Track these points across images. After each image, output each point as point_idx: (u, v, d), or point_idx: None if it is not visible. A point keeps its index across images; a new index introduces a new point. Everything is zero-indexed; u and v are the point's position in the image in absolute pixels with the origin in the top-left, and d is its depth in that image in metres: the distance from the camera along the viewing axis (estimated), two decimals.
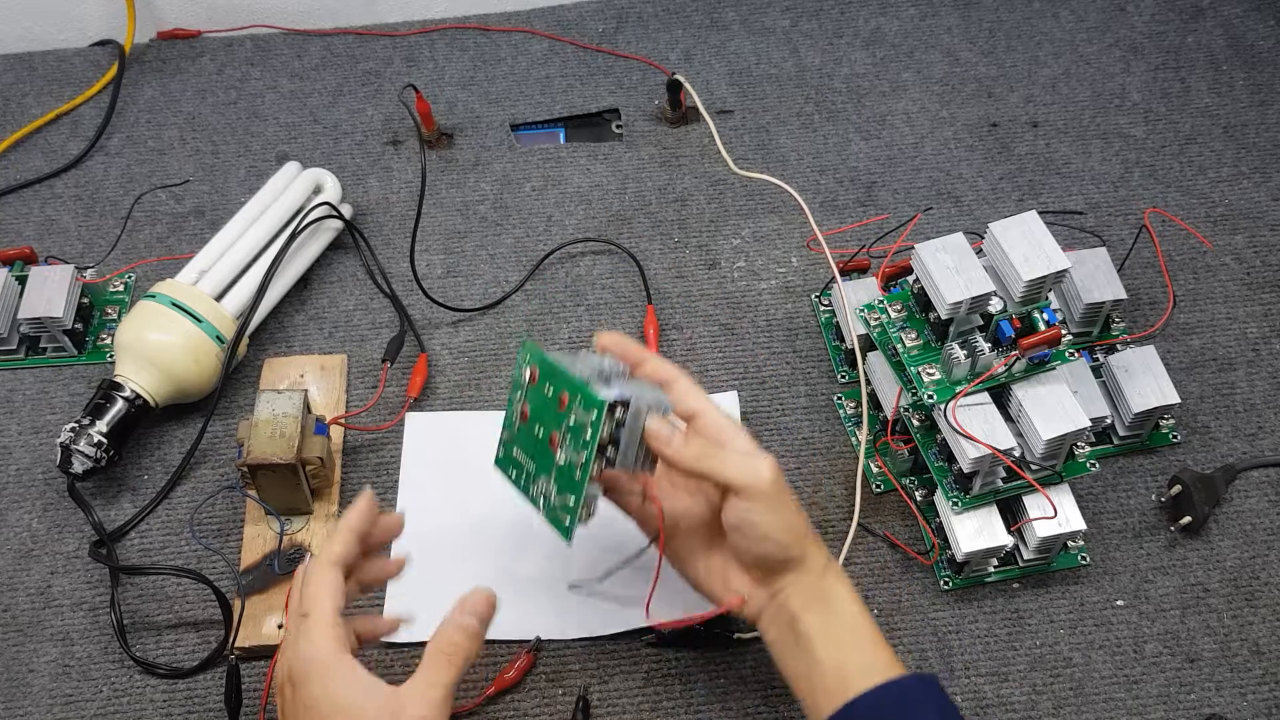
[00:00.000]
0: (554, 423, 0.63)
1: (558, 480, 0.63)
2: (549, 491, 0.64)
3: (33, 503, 0.81)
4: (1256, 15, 1.09)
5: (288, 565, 0.77)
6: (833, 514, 0.80)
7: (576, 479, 0.62)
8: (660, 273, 0.92)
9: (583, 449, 0.62)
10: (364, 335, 0.89)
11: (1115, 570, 0.78)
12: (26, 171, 1.00)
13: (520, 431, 0.66)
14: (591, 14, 1.11)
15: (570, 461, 0.62)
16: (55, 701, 0.73)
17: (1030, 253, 0.70)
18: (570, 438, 0.62)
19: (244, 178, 0.99)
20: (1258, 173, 0.98)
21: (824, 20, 1.10)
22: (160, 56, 1.09)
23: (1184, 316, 0.89)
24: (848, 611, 0.63)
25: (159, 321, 0.81)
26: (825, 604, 0.63)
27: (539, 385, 0.65)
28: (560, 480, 0.63)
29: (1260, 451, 0.82)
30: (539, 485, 0.65)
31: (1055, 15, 1.10)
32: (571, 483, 0.63)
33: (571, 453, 0.62)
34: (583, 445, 0.62)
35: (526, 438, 0.66)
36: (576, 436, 0.62)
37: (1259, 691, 0.73)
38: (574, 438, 0.62)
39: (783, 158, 1.00)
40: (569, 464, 0.63)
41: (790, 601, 0.63)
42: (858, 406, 0.83)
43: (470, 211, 0.97)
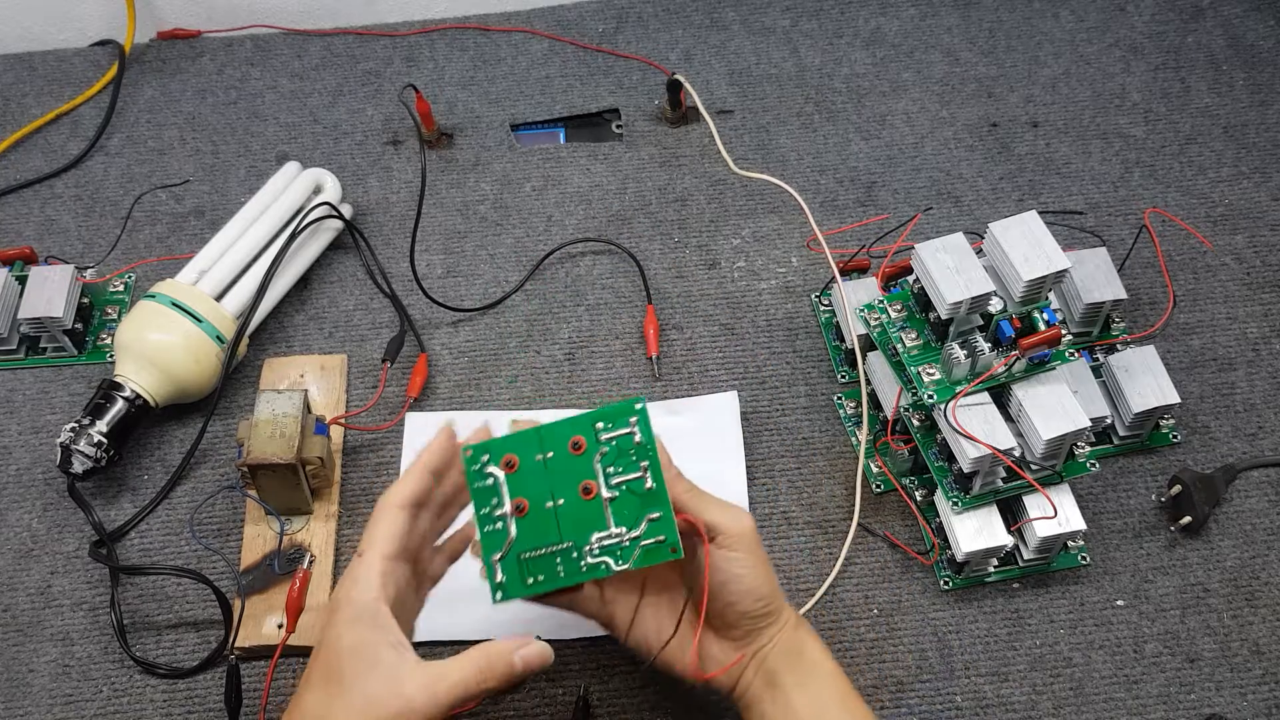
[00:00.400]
0: (576, 474, 0.58)
1: (619, 517, 0.57)
2: (616, 539, 0.57)
3: (33, 503, 0.81)
4: (1256, 15, 1.09)
5: (288, 565, 0.77)
6: (833, 514, 0.80)
7: (648, 490, 0.57)
8: (660, 273, 0.92)
9: (643, 457, 0.57)
10: (364, 335, 0.89)
11: (1115, 570, 0.78)
12: (26, 171, 1.00)
13: (524, 531, 0.59)
14: (591, 14, 1.11)
15: (629, 485, 0.57)
16: (55, 701, 0.73)
17: (1030, 253, 0.70)
18: (614, 463, 0.57)
19: (244, 178, 0.99)
20: (1258, 173, 0.98)
21: (824, 20, 1.10)
22: (160, 56, 1.09)
23: (1184, 316, 0.89)
24: (823, 668, 0.63)
25: (159, 321, 0.81)
26: (800, 659, 0.63)
27: (524, 466, 0.59)
28: (623, 514, 0.57)
29: (1260, 451, 0.82)
30: (588, 552, 0.58)
31: (1055, 15, 1.10)
32: (645, 501, 0.56)
33: (625, 474, 0.57)
34: (641, 453, 0.56)
35: (538, 527, 0.58)
36: (622, 454, 0.57)
37: (1259, 691, 0.73)
38: (619, 458, 0.57)
39: (783, 158, 1.00)
40: (627, 488, 0.57)
41: (769, 658, 0.62)
42: (858, 406, 0.83)
43: (470, 211, 0.97)
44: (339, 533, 0.80)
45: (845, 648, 0.75)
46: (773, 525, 0.80)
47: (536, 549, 0.58)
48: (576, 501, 0.58)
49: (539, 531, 0.58)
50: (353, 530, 0.80)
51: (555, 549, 0.58)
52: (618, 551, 0.57)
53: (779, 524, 0.80)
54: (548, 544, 0.58)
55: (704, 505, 0.61)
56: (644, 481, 0.57)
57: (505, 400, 0.86)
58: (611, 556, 0.57)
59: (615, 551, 0.57)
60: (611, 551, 0.57)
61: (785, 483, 0.81)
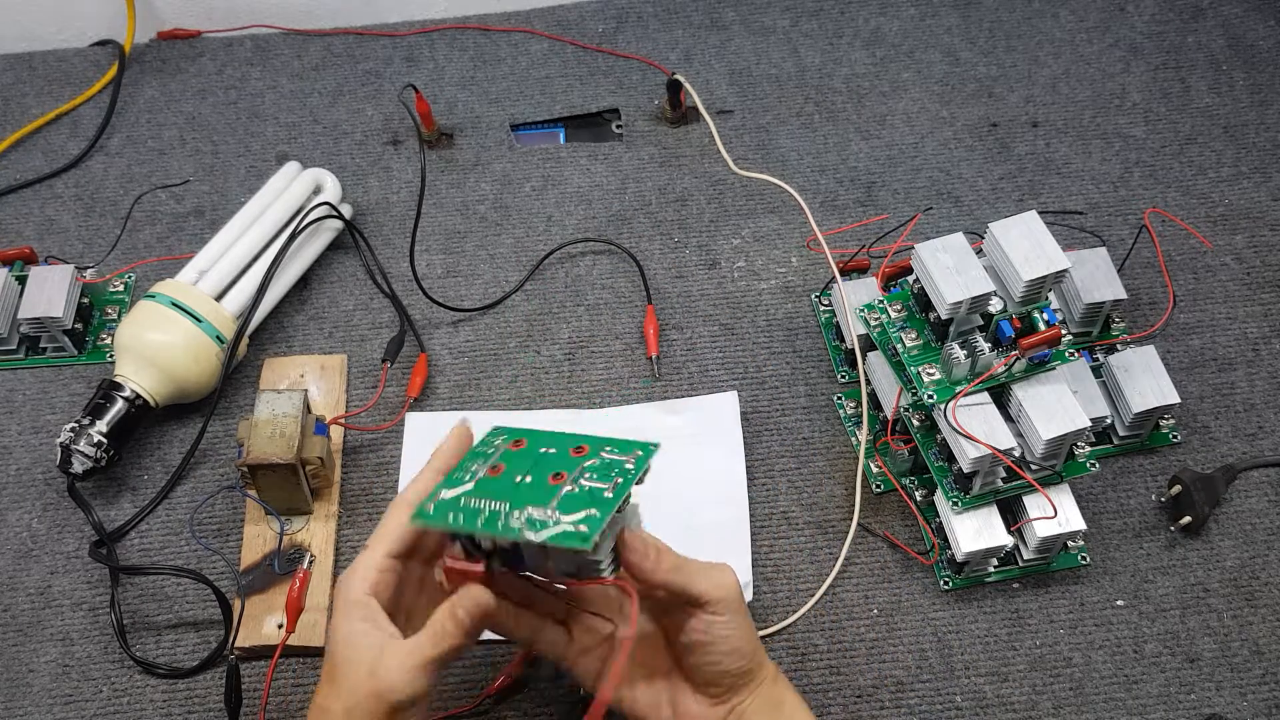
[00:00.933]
0: (559, 466, 0.59)
1: (563, 505, 0.57)
2: (547, 517, 0.57)
3: (33, 503, 0.81)
4: (1256, 15, 1.09)
5: (288, 565, 0.77)
6: (833, 514, 0.80)
7: (603, 497, 0.57)
8: (660, 273, 0.92)
9: (620, 476, 0.58)
10: (364, 335, 0.89)
11: (1115, 570, 0.78)
12: (26, 171, 1.00)
13: (483, 483, 0.60)
14: (591, 14, 1.11)
15: (591, 489, 0.58)
16: (55, 701, 0.73)
17: (1030, 253, 0.70)
18: (595, 472, 0.58)
19: (244, 178, 0.99)
20: (1258, 173, 0.98)
21: (824, 20, 1.10)
22: (160, 56, 1.09)
23: (1184, 316, 0.89)
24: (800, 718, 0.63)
25: (159, 321, 0.81)
26: (779, 711, 0.62)
27: (528, 448, 0.61)
28: (568, 504, 0.57)
29: (1260, 451, 0.82)
30: (514, 516, 0.58)
31: (1055, 15, 1.10)
32: (593, 502, 0.57)
33: (596, 481, 0.58)
34: (622, 474, 0.58)
35: (497, 486, 0.59)
36: (607, 469, 0.58)
37: (1259, 691, 0.73)
38: (601, 470, 0.58)
39: (783, 158, 0.99)
40: (589, 490, 0.58)
41: (748, 713, 0.62)
42: (858, 406, 0.83)
43: (470, 211, 0.97)
44: (339, 533, 0.80)
45: (845, 648, 0.75)
46: (773, 525, 0.80)
47: (476, 500, 0.59)
48: (541, 483, 0.59)
49: (493, 490, 0.59)
50: (353, 530, 0.80)
51: (493, 504, 0.59)
52: (538, 525, 0.57)
53: (779, 524, 0.80)
54: (490, 497, 0.59)
55: (691, 577, 0.60)
56: (604, 491, 0.58)
57: (505, 400, 0.86)
58: (531, 528, 0.57)
59: (536, 525, 0.57)
60: (534, 524, 0.57)
61: (785, 483, 0.81)
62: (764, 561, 0.78)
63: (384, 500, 0.81)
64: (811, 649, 0.75)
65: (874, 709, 0.72)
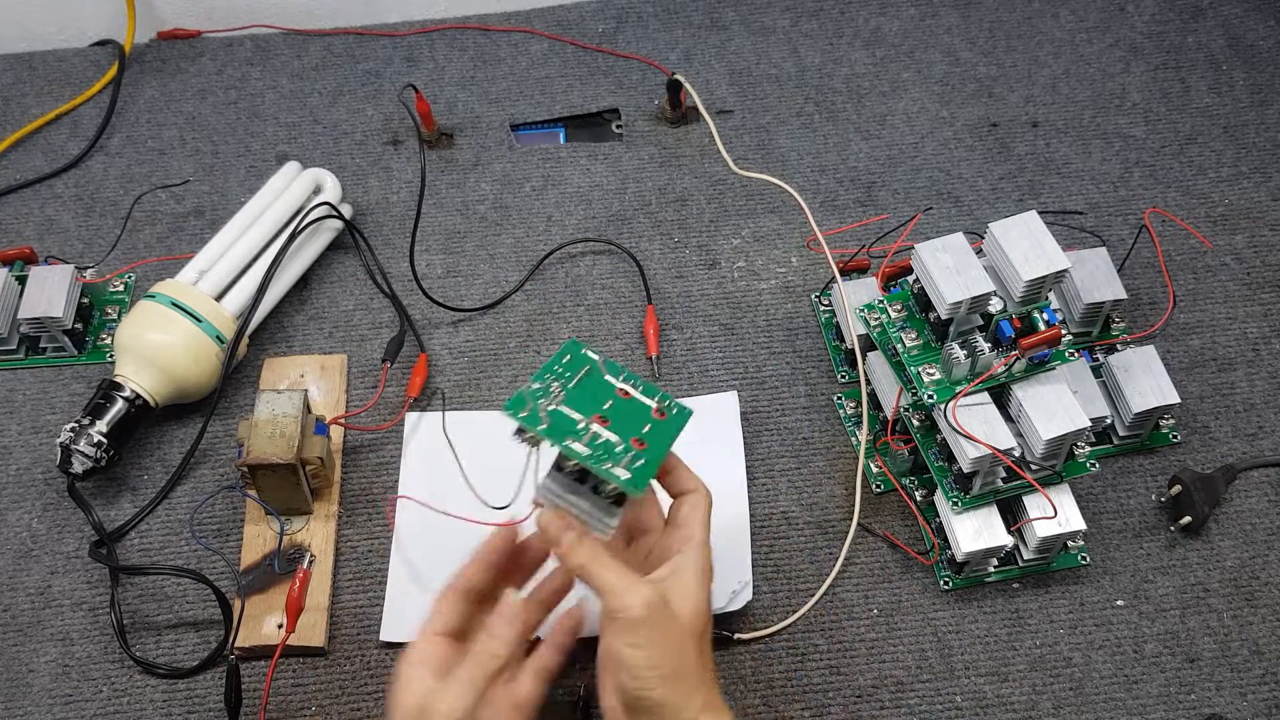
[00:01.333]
0: (605, 389, 0.64)
1: (651, 397, 0.64)
2: (614, 446, 0.61)
3: (33, 503, 0.81)
4: (1256, 15, 1.09)
5: (288, 565, 0.77)
6: (833, 514, 0.80)
7: (653, 386, 0.65)
8: (660, 273, 0.92)
9: (621, 370, 0.65)
10: (364, 335, 0.89)
11: (1115, 570, 0.78)
12: (26, 171, 1.00)
13: (573, 393, 0.63)
14: (591, 14, 1.11)
15: (639, 386, 0.65)
16: (55, 701, 0.73)
17: (1030, 253, 0.70)
18: (617, 372, 0.65)
19: (244, 178, 0.99)
20: (1258, 173, 0.98)
21: (824, 20, 1.10)
22: (160, 56, 1.09)
23: (1184, 316, 0.89)
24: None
25: (159, 321, 0.81)
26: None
27: (569, 391, 0.64)
28: (649, 395, 0.65)
29: (1260, 451, 0.82)
30: (591, 438, 0.62)
31: (1055, 15, 1.10)
32: (650, 389, 0.64)
33: (634, 381, 0.65)
34: (619, 367, 0.65)
35: (623, 427, 0.63)
36: (614, 366, 0.65)
37: (1259, 691, 0.73)
38: (613, 368, 0.65)
39: (783, 158, 0.99)
40: (642, 388, 0.64)
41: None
42: (858, 406, 0.83)
43: (470, 211, 0.97)
44: (339, 533, 0.80)
45: (845, 648, 0.75)
46: (773, 525, 0.80)
47: (568, 409, 0.62)
48: (622, 402, 0.64)
49: (580, 402, 0.63)
50: (352, 530, 0.80)
51: (574, 421, 0.62)
52: (607, 451, 0.61)
53: (779, 524, 0.80)
54: (576, 411, 0.62)
55: (598, 577, 0.59)
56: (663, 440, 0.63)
57: (505, 400, 0.85)
58: (604, 451, 0.61)
59: (607, 451, 0.61)
60: (608, 450, 0.61)
61: (785, 483, 0.81)
62: (764, 561, 0.78)
63: (384, 500, 0.81)
64: (811, 649, 0.75)
65: (874, 709, 0.72)
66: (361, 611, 0.77)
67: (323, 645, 0.75)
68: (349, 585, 0.78)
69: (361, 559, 0.79)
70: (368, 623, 0.76)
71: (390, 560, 0.78)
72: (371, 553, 0.79)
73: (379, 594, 0.77)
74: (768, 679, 0.73)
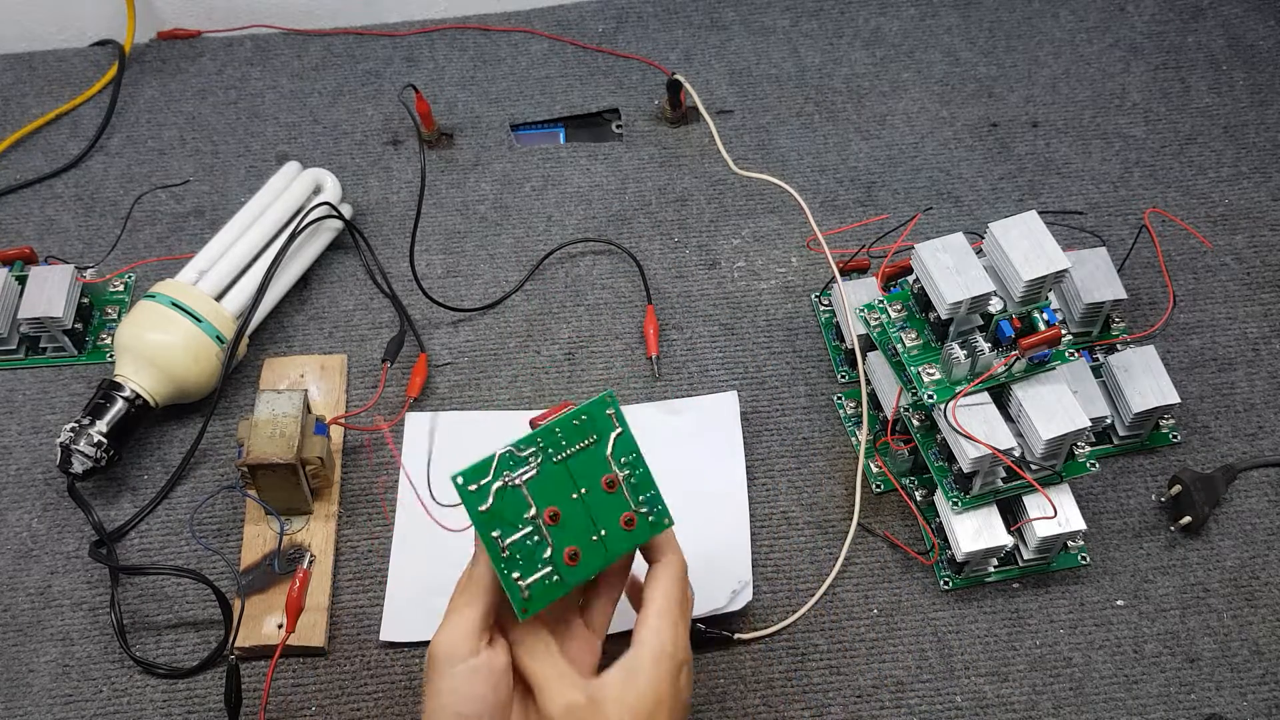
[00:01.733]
0: (595, 470, 0.58)
1: (635, 497, 0.58)
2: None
3: (33, 503, 0.81)
4: (1256, 15, 1.09)
5: (288, 565, 0.77)
6: (833, 514, 0.80)
7: (651, 480, 0.59)
8: (660, 273, 0.92)
9: (631, 450, 0.58)
10: (364, 335, 0.89)
11: (1115, 570, 0.78)
12: (26, 171, 1.00)
13: (560, 531, 0.57)
14: (591, 14, 1.11)
15: (634, 478, 0.59)
16: (55, 701, 0.73)
17: (1030, 253, 0.70)
18: (623, 454, 0.58)
19: (244, 178, 0.99)
20: (1258, 173, 0.98)
21: (824, 20, 1.10)
22: (160, 56, 1.09)
23: (1184, 316, 0.89)
24: None
25: (159, 321, 0.81)
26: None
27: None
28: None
29: (1260, 451, 0.82)
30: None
31: (1055, 15, 1.10)
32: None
33: (633, 469, 0.58)
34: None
35: (572, 531, 0.57)
36: (626, 445, 0.58)
37: (1259, 691, 0.73)
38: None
39: (783, 158, 1.00)
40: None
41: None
42: (858, 406, 0.83)
43: (470, 211, 0.97)
44: (339, 533, 0.80)
45: (845, 648, 0.75)
46: (773, 525, 0.80)
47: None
48: (598, 497, 0.58)
49: (573, 534, 0.57)
50: (352, 530, 0.80)
51: (597, 535, 0.58)
52: (624, 536, 0.58)
53: (779, 524, 0.80)
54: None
55: (528, 662, 0.57)
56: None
57: (506, 400, 0.86)
58: (623, 542, 0.58)
59: (623, 536, 0.58)
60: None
61: (785, 483, 0.82)
62: (764, 561, 0.78)
63: (384, 500, 0.81)
64: (811, 649, 0.75)
65: (874, 709, 0.72)
66: (361, 611, 0.77)
67: (323, 645, 0.75)
68: (349, 585, 0.78)
69: (361, 559, 0.79)
70: (368, 623, 0.76)
71: (390, 560, 0.78)
72: (371, 553, 0.79)
73: (379, 594, 0.77)
74: (768, 679, 0.73)
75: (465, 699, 0.55)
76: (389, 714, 0.73)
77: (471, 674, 0.55)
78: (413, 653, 0.75)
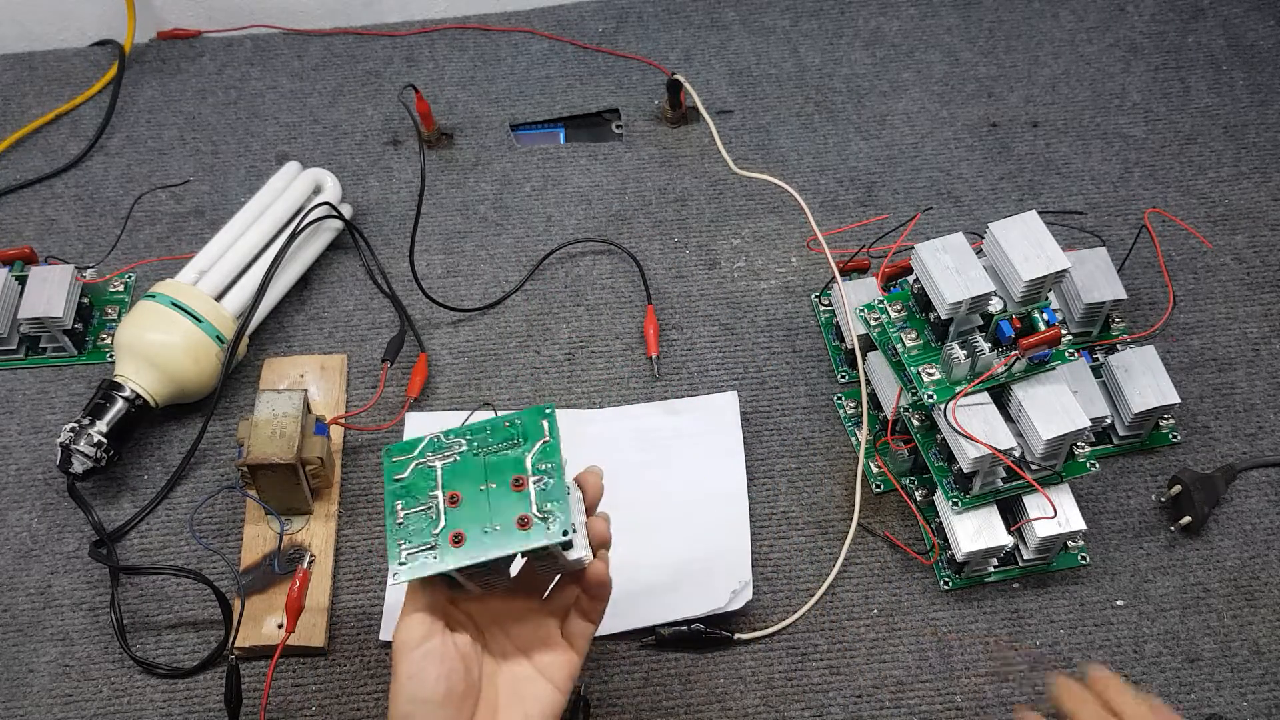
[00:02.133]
0: (509, 469, 0.59)
1: (540, 502, 0.58)
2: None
3: (33, 503, 0.81)
4: (1256, 15, 1.09)
5: (288, 565, 0.77)
6: (833, 514, 0.80)
7: (562, 493, 0.59)
8: (660, 273, 0.92)
9: (551, 459, 0.59)
10: (364, 335, 0.89)
11: (1115, 570, 0.78)
12: (26, 171, 1.00)
13: (455, 514, 0.59)
14: (591, 14, 1.11)
15: (545, 485, 0.59)
16: (55, 701, 0.73)
17: (1030, 253, 0.70)
18: (542, 460, 0.59)
19: (244, 178, 0.99)
20: (1258, 173, 0.98)
21: (824, 20, 1.10)
22: (160, 56, 1.09)
23: (1184, 316, 0.89)
24: None
25: (159, 321, 0.81)
26: None
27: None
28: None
29: (1260, 451, 0.82)
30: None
31: (1055, 15, 1.10)
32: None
33: (547, 476, 0.59)
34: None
35: (467, 517, 0.59)
36: (548, 453, 0.59)
37: (1259, 691, 0.73)
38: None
39: (783, 158, 1.00)
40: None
41: None
42: (858, 406, 0.83)
43: (470, 211, 0.97)
44: (339, 533, 0.80)
45: (845, 648, 0.75)
46: (773, 525, 0.80)
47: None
48: (507, 493, 0.59)
49: (469, 516, 0.59)
50: (353, 530, 0.80)
51: (489, 528, 0.59)
52: (522, 536, 0.58)
53: (779, 524, 0.80)
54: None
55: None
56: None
57: (505, 400, 0.86)
58: (519, 540, 0.58)
59: (519, 536, 0.58)
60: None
61: (785, 483, 0.82)
62: (764, 561, 0.78)
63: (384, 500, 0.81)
64: (811, 649, 0.75)
65: (874, 709, 0.72)
66: (361, 611, 0.77)
67: (323, 645, 0.75)
68: (349, 585, 0.78)
69: (361, 559, 0.79)
70: (368, 623, 0.76)
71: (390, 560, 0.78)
72: (371, 553, 0.79)
73: (379, 594, 0.77)
74: (768, 679, 0.73)
75: (420, 682, 0.57)
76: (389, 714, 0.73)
77: (424, 658, 0.57)
78: None
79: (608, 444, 0.82)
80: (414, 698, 0.57)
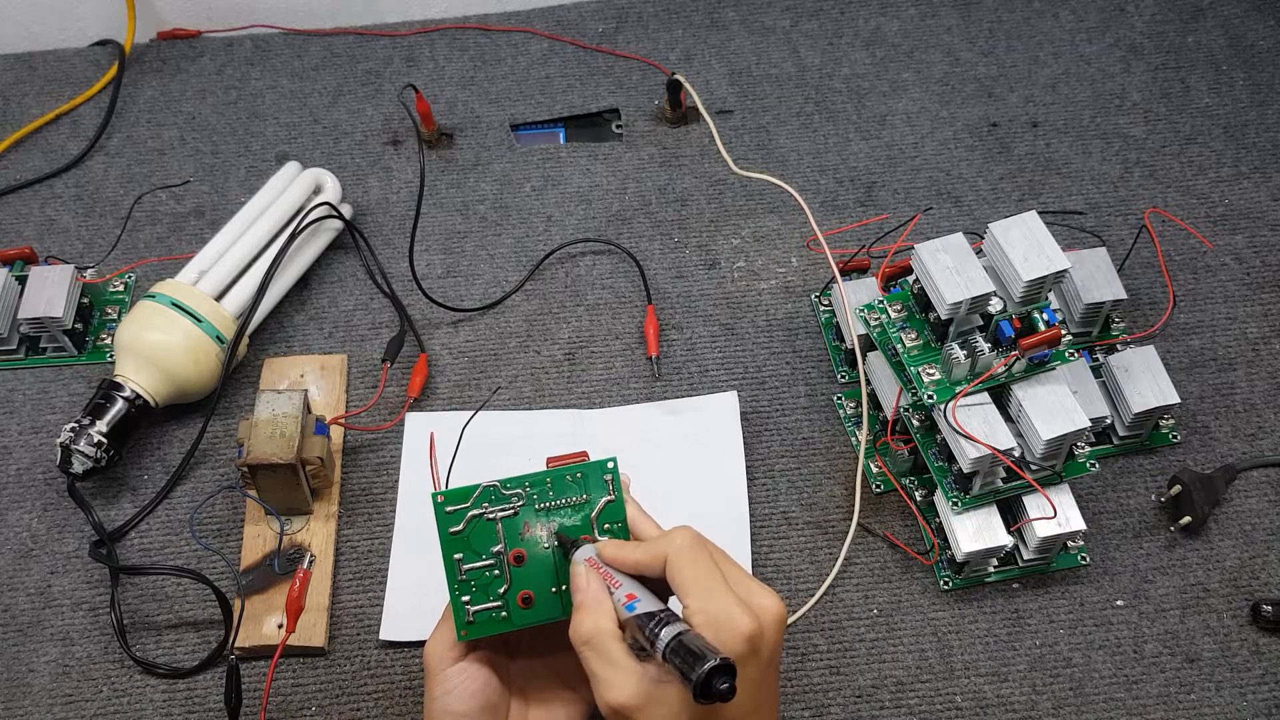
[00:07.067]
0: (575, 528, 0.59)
1: (516, 591, 0.58)
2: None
3: (33, 503, 0.81)
4: (1256, 15, 1.09)
5: (288, 565, 0.77)
6: (833, 514, 0.80)
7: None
8: (660, 273, 0.92)
9: (619, 519, 0.59)
10: (364, 335, 0.89)
11: (1115, 570, 0.78)
12: (26, 171, 1.00)
13: (522, 574, 0.58)
14: (591, 14, 1.11)
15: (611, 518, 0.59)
16: (55, 701, 0.73)
17: (1030, 253, 0.70)
18: (608, 520, 0.58)
19: (244, 178, 0.99)
20: (1258, 173, 0.98)
21: (824, 20, 1.10)
22: (160, 56, 1.09)
23: (1184, 316, 0.89)
24: None
25: (159, 321, 0.81)
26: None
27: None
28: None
29: (1260, 451, 0.82)
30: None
31: (1055, 15, 1.10)
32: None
33: (613, 537, 0.59)
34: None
35: (533, 577, 0.58)
36: (614, 513, 0.59)
37: (1259, 691, 0.73)
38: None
39: (783, 158, 1.00)
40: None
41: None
42: (858, 406, 0.83)
43: (470, 211, 0.97)
44: (339, 533, 0.80)
45: (845, 648, 0.75)
46: (773, 525, 0.80)
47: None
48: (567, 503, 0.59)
49: (535, 577, 0.58)
50: (353, 530, 0.80)
51: (556, 588, 0.58)
52: (568, 522, 0.58)
53: (779, 524, 0.80)
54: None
55: (592, 657, 0.54)
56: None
57: (506, 400, 0.86)
58: (566, 532, 0.58)
59: (567, 526, 0.58)
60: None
61: (785, 483, 0.82)
62: (764, 561, 0.78)
63: (384, 500, 0.81)
64: (811, 649, 0.75)
65: (874, 709, 0.72)
66: (361, 611, 0.77)
67: (323, 645, 0.75)
68: (349, 585, 0.78)
69: (361, 559, 0.79)
70: (368, 623, 0.76)
71: (390, 560, 0.78)
72: (371, 553, 0.79)
73: (379, 594, 0.77)
74: None
75: (457, 697, 0.58)
76: (389, 714, 0.73)
77: (460, 674, 0.58)
78: (413, 653, 0.75)
79: (607, 444, 0.82)
80: (450, 711, 0.58)
